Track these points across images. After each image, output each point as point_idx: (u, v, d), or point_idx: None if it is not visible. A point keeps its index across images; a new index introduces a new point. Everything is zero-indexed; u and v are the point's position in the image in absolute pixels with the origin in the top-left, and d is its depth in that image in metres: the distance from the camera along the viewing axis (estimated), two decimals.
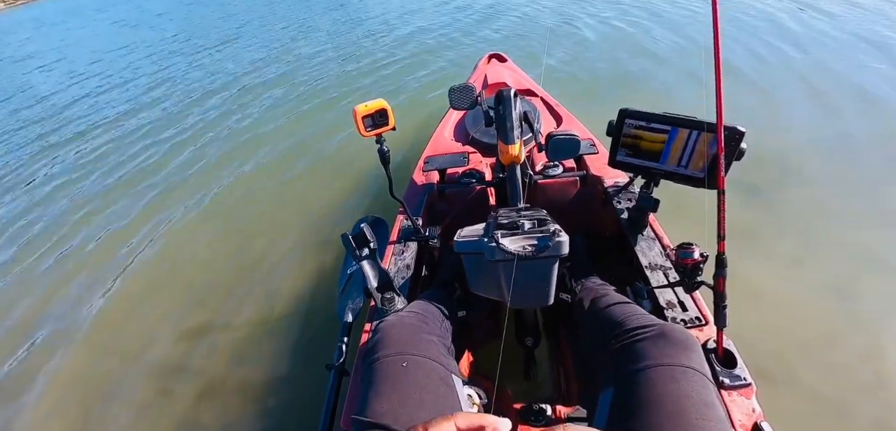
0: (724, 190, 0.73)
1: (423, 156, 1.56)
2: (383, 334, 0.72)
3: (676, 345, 0.62)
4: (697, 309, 0.91)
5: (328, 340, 1.60)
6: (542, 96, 1.90)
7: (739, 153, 0.86)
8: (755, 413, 0.73)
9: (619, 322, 0.73)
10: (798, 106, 2.68)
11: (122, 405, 1.61)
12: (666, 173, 0.99)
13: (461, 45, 4.86)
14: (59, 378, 1.77)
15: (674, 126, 0.93)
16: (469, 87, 1.12)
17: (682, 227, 1.18)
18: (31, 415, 1.63)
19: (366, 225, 0.99)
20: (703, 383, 0.59)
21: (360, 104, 0.96)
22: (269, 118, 3.75)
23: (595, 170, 1.35)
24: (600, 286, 0.94)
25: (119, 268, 2.29)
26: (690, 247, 0.85)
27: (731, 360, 0.79)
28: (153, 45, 7.67)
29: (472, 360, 1.23)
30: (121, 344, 1.86)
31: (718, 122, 0.71)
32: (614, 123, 1.01)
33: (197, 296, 2.01)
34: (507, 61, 2.42)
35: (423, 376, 0.65)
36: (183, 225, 2.55)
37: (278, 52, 5.67)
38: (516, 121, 1.03)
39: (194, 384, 1.62)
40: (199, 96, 4.57)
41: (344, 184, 2.57)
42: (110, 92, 5.39)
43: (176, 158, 3.35)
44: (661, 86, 3.16)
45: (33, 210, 3.03)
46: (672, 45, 3.83)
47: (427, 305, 0.87)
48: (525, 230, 0.80)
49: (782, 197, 1.98)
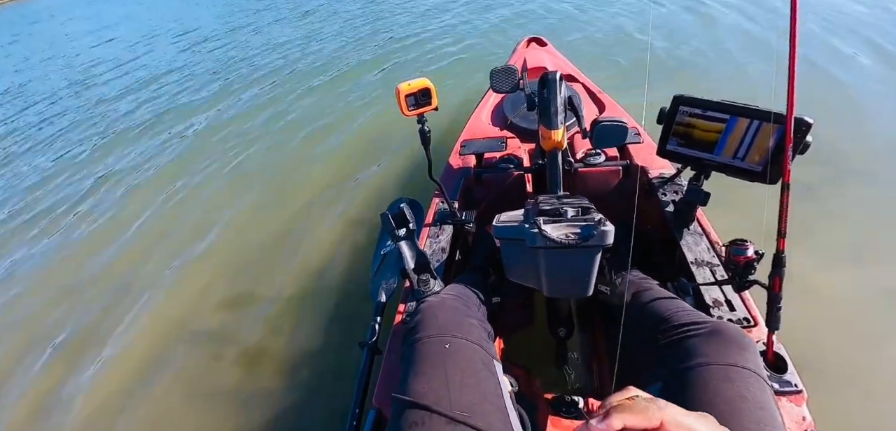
0: (789, 183, 0.68)
1: (460, 140, 1.55)
2: (425, 315, 0.72)
3: (731, 344, 0.59)
4: (746, 309, 0.87)
5: (360, 318, 1.63)
6: (583, 82, 1.85)
7: (804, 146, 0.80)
8: (806, 421, 0.69)
9: (667, 317, 0.70)
10: (859, 100, 2.48)
11: (156, 370, 1.70)
12: (719, 165, 0.93)
13: (499, 26, 4.77)
14: (86, 335, 1.90)
15: (733, 115, 0.87)
16: (511, 69, 1.09)
17: (725, 223, 1.12)
18: (89, 376, 1.76)
19: (405, 204, 0.99)
20: (759, 385, 0.56)
21: (404, 82, 0.95)
22: (306, 98, 3.83)
23: (639, 160, 1.30)
24: (643, 279, 0.91)
25: (159, 234, 2.43)
26: (744, 244, 0.80)
27: (781, 365, 0.75)
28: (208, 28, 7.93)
29: (502, 347, 1.23)
30: (168, 313, 1.96)
31: (789, 112, 0.66)
32: (667, 110, 0.96)
33: (231, 267, 2.10)
34: (548, 45, 2.35)
35: (466, 359, 0.65)
36: (223, 201, 2.65)
37: (322, 34, 5.73)
38: (561, 106, 1.00)
39: (231, 352, 1.69)
40: (241, 81, 4.69)
41: (377, 163, 2.60)
42: (149, 73, 5.65)
43: (221, 138, 3.47)
44: (718, 74, 3.00)
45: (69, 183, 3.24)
46: (735, 31, 3.62)
47: (465, 289, 0.87)
48: (568, 217, 0.78)
49: (839, 194, 1.85)
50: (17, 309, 2.16)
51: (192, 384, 1.63)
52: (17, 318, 2.10)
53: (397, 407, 0.60)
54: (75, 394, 1.67)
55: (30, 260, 2.47)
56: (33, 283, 2.30)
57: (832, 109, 2.41)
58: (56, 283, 2.26)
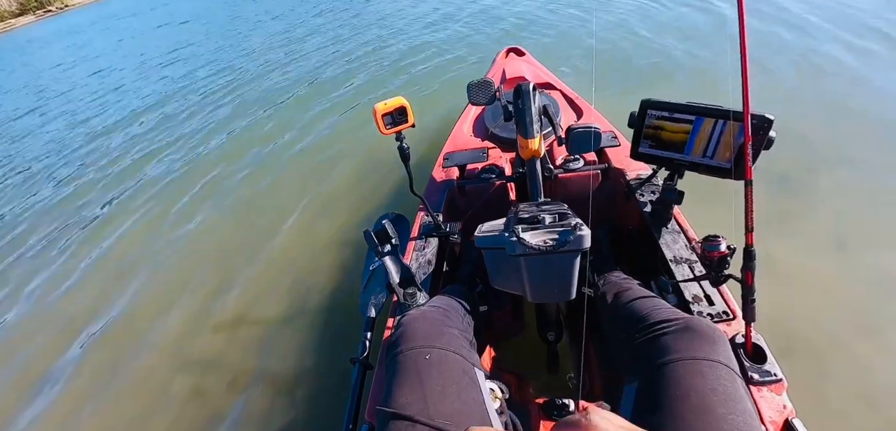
0: (751, 180, 0.71)
1: (443, 153, 1.57)
2: (406, 328, 0.73)
3: (702, 339, 0.61)
4: (725, 303, 0.89)
5: (351, 335, 1.63)
6: (561, 89, 1.88)
7: (768, 142, 0.83)
8: (786, 409, 0.71)
9: (643, 316, 0.72)
10: (825, 89, 2.57)
11: (151, 394, 1.69)
12: (690, 164, 0.96)
13: (478, 39, 4.84)
14: (88, 365, 1.88)
15: (698, 116, 0.90)
16: (487, 82, 1.12)
17: (707, 220, 1.15)
18: (62, 403, 1.73)
19: (387, 221, 1.00)
20: (729, 377, 0.58)
21: (380, 102, 0.98)
22: (291, 117, 3.83)
23: (617, 163, 1.33)
24: (624, 280, 0.93)
25: (148, 263, 2.41)
26: (717, 240, 0.83)
27: (760, 355, 0.77)
28: (172, 49, 7.92)
29: (494, 355, 1.24)
30: (149, 336, 1.94)
31: (745, 110, 0.70)
32: (636, 114, 1.00)
33: (222, 291, 2.08)
34: (526, 55, 2.40)
35: (447, 368, 0.66)
36: (208, 224, 2.64)
37: (297, 54, 5.76)
38: (536, 115, 1.03)
39: (222, 375, 1.68)
40: (217, 98, 4.70)
41: (365, 181, 2.61)
42: (124, 92, 5.62)
43: (200, 157, 3.47)
44: (685, 77, 3.07)
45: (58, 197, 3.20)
46: (697, 33, 3.71)
47: (449, 300, 0.88)
48: (546, 224, 0.80)
49: (817, 182, 1.91)
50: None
51: (185, 406, 1.61)
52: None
53: (381, 419, 0.61)
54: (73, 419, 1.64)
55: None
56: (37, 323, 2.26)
57: (806, 101, 2.49)
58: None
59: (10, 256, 2.84)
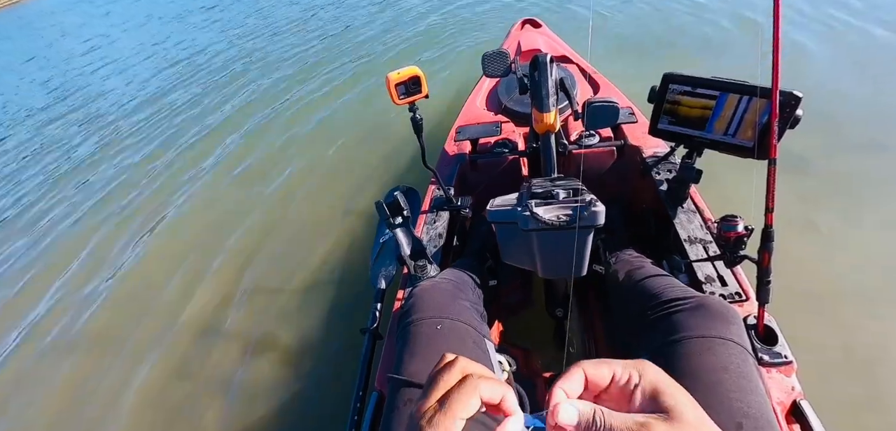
0: (775, 159, 0.69)
1: (455, 126, 1.55)
2: (418, 298, 0.74)
3: (715, 317, 0.61)
4: (738, 284, 0.88)
5: (362, 305, 1.66)
6: (578, 63, 1.83)
7: (794, 120, 0.80)
8: (795, 391, 0.71)
9: (656, 294, 0.71)
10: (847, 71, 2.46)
11: (165, 362, 1.74)
12: (711, 142, 0.94)
13: (494, 8, 4.72)
14: (101, 335, 1.94)
15: (722, 91, 0.87)
16: (503, 54, 1.09)
17: (722, 200, 1.13)
18: (80, 367, 1.80)
19: (399, 193, 1.00)
20: (742, 356, 0.57)
21: (393, 72, 0.96)
22: (303, 89, 3.80)
23: (633, 140, 1.30)
24: (636, 258, 0.92)
25: (161, 231, 2.46)
26: (734, 220, 0.81)
27: (771, 337, 0.76)
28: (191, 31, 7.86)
29: (502, 329, 1.25)
30: (161, 304, 1.99)
31: (774, 86, 0.67)
32: (657, 89, 0.96)
33: (235, 262, 2.12)
34: (542, 27, 2.33)
35: (457, 338, 0.67)
36: (219, 192, 2.67)
37: (311, 25, 5.68)
38: (552, 89, 1.00)
39: (233, 343, 1.73)
40: (231, 74, 4.65)
41: (376, 153, 2.60)
42: (141, 69, 5.62)
43: (214, 130, 3.47)
44: (710, 52, 2.97)
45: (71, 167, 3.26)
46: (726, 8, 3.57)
47: (460, 273, 0.89)
48: (560, 200, 0.79)
49: (839, 166, 1.85)
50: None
51: (201, 375, 1.67)
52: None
53: (393, 387, 0.62)
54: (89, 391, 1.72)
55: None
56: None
57: (832, 80, 2.39)
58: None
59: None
